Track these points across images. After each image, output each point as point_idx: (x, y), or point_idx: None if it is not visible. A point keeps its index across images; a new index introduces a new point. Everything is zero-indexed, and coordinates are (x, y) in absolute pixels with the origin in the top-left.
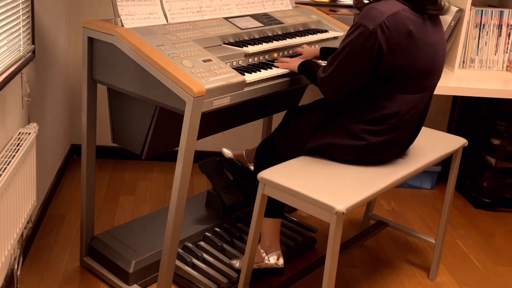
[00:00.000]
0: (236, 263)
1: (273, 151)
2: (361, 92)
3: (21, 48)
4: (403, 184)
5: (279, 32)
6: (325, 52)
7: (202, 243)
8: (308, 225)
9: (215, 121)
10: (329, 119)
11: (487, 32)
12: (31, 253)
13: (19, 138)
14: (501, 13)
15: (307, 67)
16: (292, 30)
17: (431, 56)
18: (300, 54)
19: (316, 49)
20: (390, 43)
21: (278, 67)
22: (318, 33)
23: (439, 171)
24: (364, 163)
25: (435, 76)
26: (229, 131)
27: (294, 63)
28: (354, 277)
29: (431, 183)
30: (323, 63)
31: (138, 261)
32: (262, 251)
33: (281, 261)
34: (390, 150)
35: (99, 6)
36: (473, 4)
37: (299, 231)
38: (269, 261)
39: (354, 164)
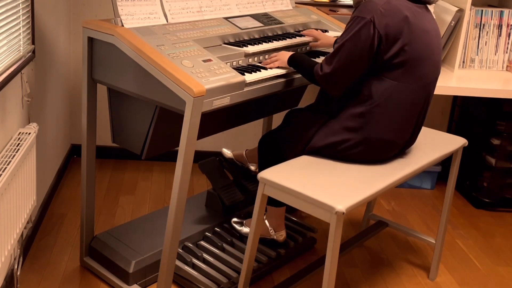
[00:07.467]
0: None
1: (275, 149)
2: (357, 84)
3: (21, 48)
4: (403, 184)
5: (279, 32)
6: None
7: (202, 243)
8: (308, 225)
9: (215, 121)
10: (330, 119)
11: (487, 32)
12: (31, 253)
13: (19, 138)
14: (501, 13)
15: (299, 61)
16: (292, 30)
17: (426, 44)
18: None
19: (333, 38)
20: (387, 29)
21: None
22: None
23: (439, 171)
24: (365, 161)
25: (431, 65)
26: (229, 131)
27: (283, 57)
28: (354, 277)
29: (431, 183)
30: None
31: (138, 261)
32: (270, 228)
33: (284, 237)
34: (391, 144)
35: (99, 6)
36: (473, 4)
37: (299, 231)
38: (275, 237)
39: (358, 159)
